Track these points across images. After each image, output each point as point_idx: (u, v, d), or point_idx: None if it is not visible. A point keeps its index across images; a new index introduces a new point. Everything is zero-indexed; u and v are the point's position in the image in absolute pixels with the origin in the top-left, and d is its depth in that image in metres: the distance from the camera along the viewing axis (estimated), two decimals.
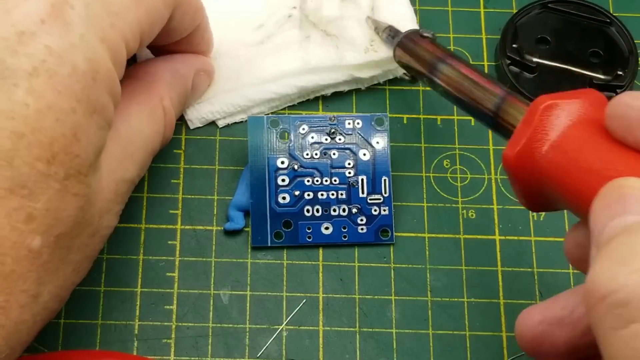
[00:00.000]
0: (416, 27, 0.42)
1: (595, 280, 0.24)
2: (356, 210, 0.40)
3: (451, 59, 0.37)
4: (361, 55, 0.42)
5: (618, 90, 0.42)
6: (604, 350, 0.24)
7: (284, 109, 0.43)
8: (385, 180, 0.40)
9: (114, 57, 0.31)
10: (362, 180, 0.40)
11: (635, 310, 0.23)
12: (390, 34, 0.41)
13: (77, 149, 0.29)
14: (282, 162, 0.40)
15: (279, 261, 0.40)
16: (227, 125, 0.42)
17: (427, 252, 0.40)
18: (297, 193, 0.40)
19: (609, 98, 0.29)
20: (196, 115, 0.41)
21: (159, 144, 0.37)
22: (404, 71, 0.43)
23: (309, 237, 0.40)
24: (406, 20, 0.42)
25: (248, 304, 0.39)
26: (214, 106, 0.41)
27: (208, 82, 0.41)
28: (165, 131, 0.37)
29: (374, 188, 0.40)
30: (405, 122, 0.43)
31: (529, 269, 0.40)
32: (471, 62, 0.44)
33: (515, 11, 0.45)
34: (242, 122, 0.42)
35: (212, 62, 0.41)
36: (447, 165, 0.42)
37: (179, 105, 0.39)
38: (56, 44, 0.28)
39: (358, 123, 0.41)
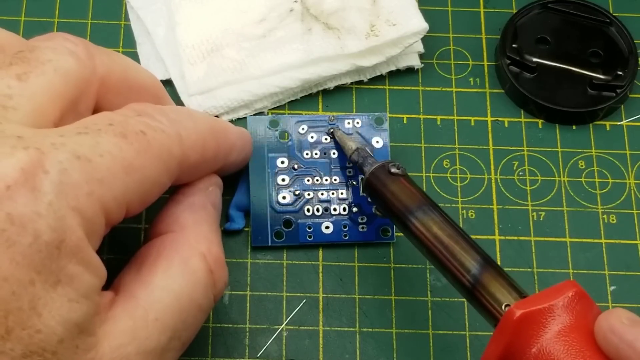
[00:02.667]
0: (417, 14, 0.42)
1: None
2: (357, 210, 0.40)
3: (423, 210, 0.34)
4: (362, 42, 0.41)
5: (618, 90, 0.42)
6: None
7: (284, 109, 0.42)
8: None
9: (87, 226, 0.28)
10: (362, 179, 0.40)
11: None
12: (358, 159, 0.38)
13: (37, 323, 0.27)
14: (282, 162, 0.40)
15: (279, 261, 0.40)
16: None
17: None
18: (297, 192, 0.40)
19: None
20: (200, 111, 0.41)
21: (202, 292, 0.33)
22: (406, 65, 0.43)
23: (310, 237, 0.40)
24: (408, 6, 0.42)
25: (248, 304, 0.39)
26: (218, 101, 0.41)
27: (221, 191, 0.37)
28: (213, 276, 0.33)
29: None
30: (405, 122, 0.43)
31: (529, 269, 0.40)
32: (471, 61, 0.44)
33: (515, 11, 0.45)
34: (242, 121, 0.42)
35: (217, 54, 0.41)
36: (447, 165, 0.42)
37: (214, 233, 0.35)
38: (19, 211, 0.26)
39: (358, 123, 0.41)
